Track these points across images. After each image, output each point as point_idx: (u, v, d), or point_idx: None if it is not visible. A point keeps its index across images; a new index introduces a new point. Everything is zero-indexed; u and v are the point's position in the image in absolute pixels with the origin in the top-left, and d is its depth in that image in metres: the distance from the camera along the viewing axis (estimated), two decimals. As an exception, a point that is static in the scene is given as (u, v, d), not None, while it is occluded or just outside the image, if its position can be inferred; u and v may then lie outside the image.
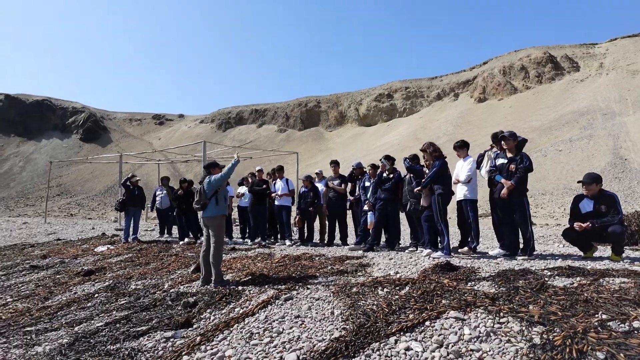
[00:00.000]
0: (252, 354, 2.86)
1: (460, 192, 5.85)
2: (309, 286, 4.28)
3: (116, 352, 3.10)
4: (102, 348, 3.22)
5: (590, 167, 26.66)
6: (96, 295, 5.07)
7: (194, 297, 4.31)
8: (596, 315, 2.76)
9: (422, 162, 6.39)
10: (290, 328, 3.22)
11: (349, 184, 8.00)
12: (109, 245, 9.10)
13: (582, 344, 2.37)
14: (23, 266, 7.46)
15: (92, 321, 4.02)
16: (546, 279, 3.80)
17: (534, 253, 5.49)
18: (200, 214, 5.13)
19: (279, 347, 2.92)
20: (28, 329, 3.95)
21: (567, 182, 25.50)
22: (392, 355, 2.62)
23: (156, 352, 3.09)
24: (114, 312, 4.22)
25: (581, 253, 5.44)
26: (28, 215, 35.51)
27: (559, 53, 65.14)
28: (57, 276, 6.48)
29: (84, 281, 5.92)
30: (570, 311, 2.87)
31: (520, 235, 5.52)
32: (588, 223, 4.94)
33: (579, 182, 5.35)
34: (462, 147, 6.02)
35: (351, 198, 7.88)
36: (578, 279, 3.74)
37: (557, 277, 3.88)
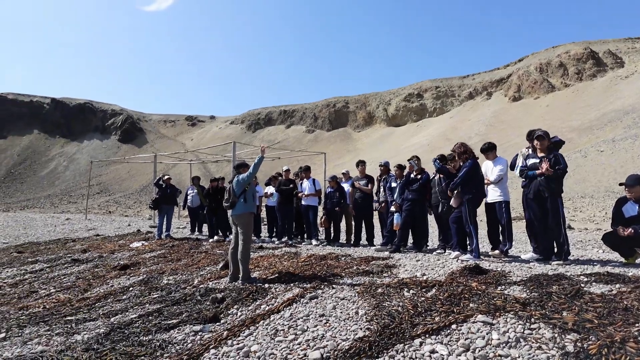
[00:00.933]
0: (277, 350, 2.91)
1: (493, 193, 5.68)
2: (334, 286, 4.29)
3: (148, 343, 3.24)
4: (135, 339, 3.36)
5: (635, 168, 25.08)
6: (131, 288, 5.31)
7: (222, 293, 4.42)
8: (636, 325, 2.60)
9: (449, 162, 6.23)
10: (315, 326, 3.24)
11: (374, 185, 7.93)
12: (143, 242, 9.49)
13: (619, 354, 2.25)
14: (65, 259, 7.91)
15: (127, 313, 4.21)
16: (582, 285, 3.62)
17: (570, 258, 5.24)
18: (229, 212, 5.26)
19: (303, 344, 2.95)
20: (69, 318, 4.19)
21: (609, 185, 24.12)
22: (416, 358, 2.59)
23: (185, 344, 3.20)
24: (147, 305, 4.40)
25: (622, 259, 5.15)
26: (70, 211, 37.59)
27: (601, 48, 61.76)
28: (96, 269, 6.83)
29: (120, 275, 6.21)
30: (608, 319, 2.73)
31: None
32: (630, 229, 4.67)
33: (620, 184, 5.07)
34: (489, 149, 5.88)
35: (376, 204, 7.79)
36: (618, 286, 3.55)
37: (594, 283, 3.70)
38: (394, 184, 7.19)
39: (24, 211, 39.83)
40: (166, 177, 10.33)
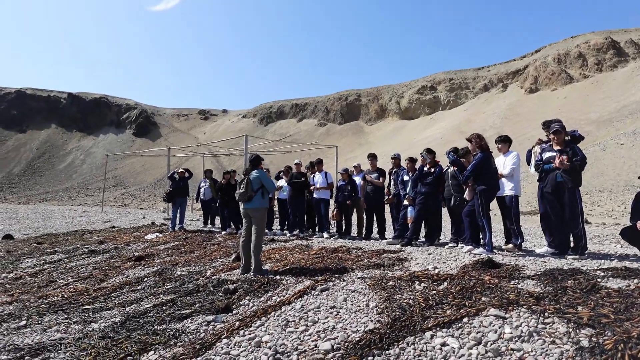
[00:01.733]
0: (288, 340, 2.93)
1: (505, 187, 5.60)
2: (345, 278, 4.30)
3: (162, 332, 3.31)
4: (149, 328, 3.44)
5: (656, 162, 24.39)
6: (145, 279, 5.41)
7: (234, 285, 4.48)
8: (655, 320, 2.54)
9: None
10: (326, 318, 3.26)
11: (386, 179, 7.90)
12: (157, 234, 9.66)
13: (636, 350, 2.20)
14: (82, 250, 8.11)
15: (142, 303, 4.30)
16: (598, 279, 3.55)
17: (586, 252, 5.13)
18: (241, 205, 5.25)
19: (314, 335, 2.97)
20: (86, 307, 4.30)
21: (628, 179, 23.50)
22: (427, 350, 2.58)
23: (198, 334, 3.26)
24: (161, 296, 4.48)
25: (641, 254, 5.02)
26: (87, 204, 38.44)
27: (622, 38, 59.79)
28: (112, 260, 6.98)
29: (135, 266, 6.34)
30: (625, 315, 2.66)
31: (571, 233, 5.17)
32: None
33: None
34: (504, 141, 5.83)
35: (387, 197, 7.77)
36: (635, 281, 3.46)
37: (611, 278, 3.61)
38: (406, 177, 7.13)
39: (43, 203, 40.93)
40: (181, 170, 10.47)
